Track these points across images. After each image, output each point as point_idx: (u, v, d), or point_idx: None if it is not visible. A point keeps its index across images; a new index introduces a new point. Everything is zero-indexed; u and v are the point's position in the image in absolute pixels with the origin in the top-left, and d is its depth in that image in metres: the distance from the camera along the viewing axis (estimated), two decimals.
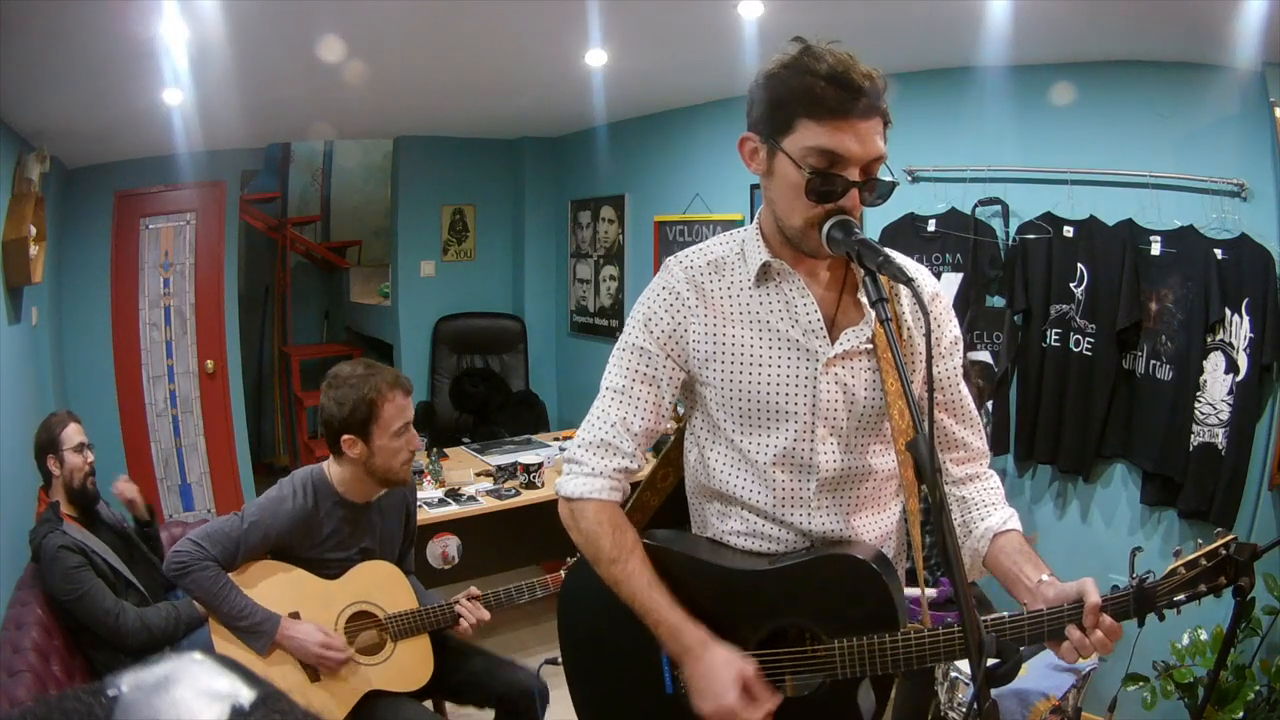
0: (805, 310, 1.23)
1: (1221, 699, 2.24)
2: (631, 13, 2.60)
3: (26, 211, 3.10)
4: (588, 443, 1.29)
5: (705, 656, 1.17)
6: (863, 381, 1.24)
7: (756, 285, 1.25)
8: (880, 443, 1.28)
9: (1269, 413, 2.53)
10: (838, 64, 1.10)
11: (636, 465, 1.30)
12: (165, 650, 2.25)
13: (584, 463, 1.29)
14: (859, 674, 1.19)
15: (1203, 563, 1.15)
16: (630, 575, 1.22)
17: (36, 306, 3.63)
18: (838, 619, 1.20)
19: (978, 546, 1.29)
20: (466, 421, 5.09)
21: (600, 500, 1.27)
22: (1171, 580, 1.16)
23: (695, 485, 1.38)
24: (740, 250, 1.28)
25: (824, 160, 1.12)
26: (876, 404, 1.25)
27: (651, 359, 1.28)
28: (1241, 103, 2.52)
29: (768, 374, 1.23)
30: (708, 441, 1.32)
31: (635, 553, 1.24)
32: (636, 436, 1.28)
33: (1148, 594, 1.15)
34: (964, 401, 1.34)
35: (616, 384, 1.29)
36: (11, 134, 3.27)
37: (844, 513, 1.27)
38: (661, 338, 1.27)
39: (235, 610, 1.96)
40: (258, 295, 6.14)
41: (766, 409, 1.24)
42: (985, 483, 1.35)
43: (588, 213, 5.08)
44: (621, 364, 1.29)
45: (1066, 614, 1.13)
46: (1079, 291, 2.90)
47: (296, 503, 2.07)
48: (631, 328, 1.30)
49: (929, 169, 3.21)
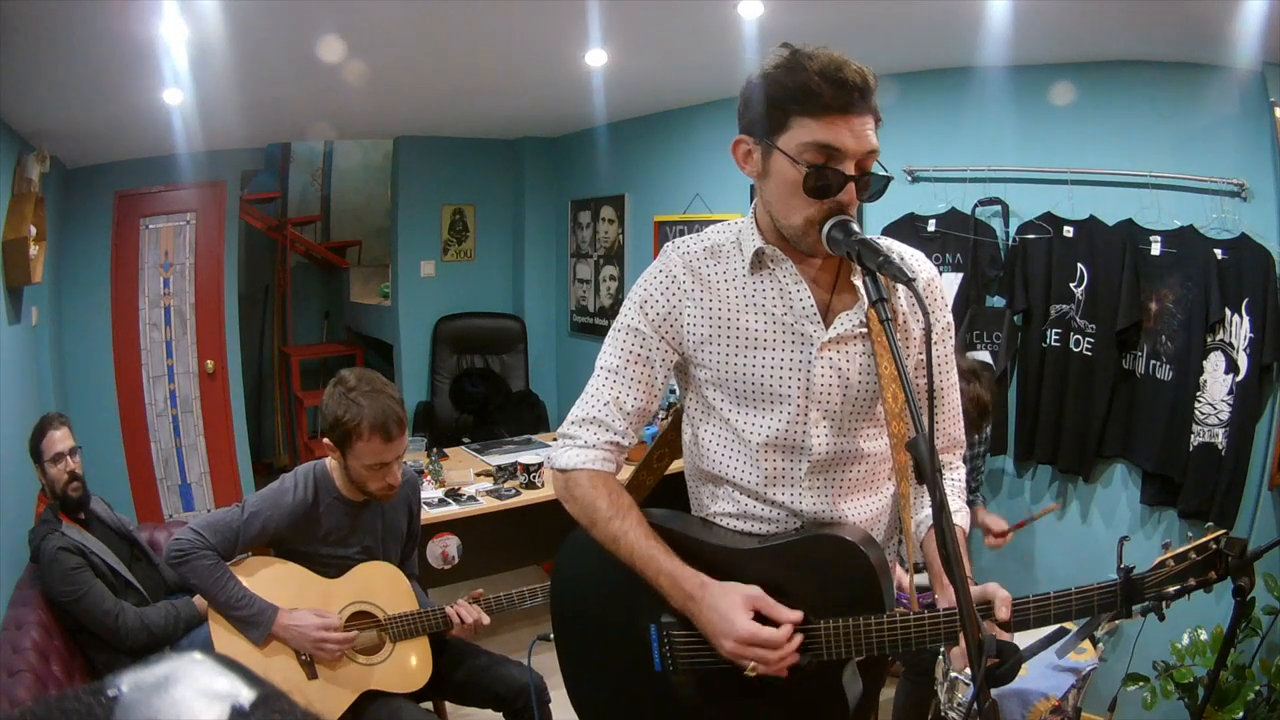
0: (799, 296, 1.25)
1: (1221, 699, 2.24)
2: (631, 13, 2.60)
3: (26, 211, 3.10)
4: (580, 419, 1.32)
5: (707, 595, 1.18)
6: (857, 365, 1.26)
7: (751, 272, 1.27)
8: (873, 426, 1.30)
9: (1269, 413, 2.53)
10: (830, 62, 1.12)
11: (628, 442, 1.32)
12: (165, 650, 2.25)
13: (576, 437, 1.32)
14: (845, 655, 1.21)
15: (1192, 556, 1.15)
16: (628, 530, 1.25)
17: (36, 306, 3.63)
18: (825, 599, 1.21)
19: (916, 532, 1.32)
20: (466, 421, 5.09)
21: (592, 469, 1.30)
22: (1160, 572, 1.16)
23: (690, 467, 1.41)
24: (736, 238, 1.30)
25: (821, 155, 1.14)
26: (870, 387, 1.27)
27: (646, 340, 1.30)
28: (1241, 103, 2.52)
29: (763, 357, 1.26)
30: (701, 422, 1.34)
31: (632, 511, 1.27)
32: (629, 415, 1.30)
33: (1135, 585, 1.16)
34: (947, 388, 1.37)
35: (611, 364, 1.32)
36: (11, 134, 3.27)
37: (834, 495, 1.29)
38: (656, 320, 1.30)
39: (233, 600, 1.96)
40: (258, 295, 6.14)
41: (761, 391, 1.26)
42: (950, 474, 1.38)
43: (588, 213, 5.08)
44: (616, 344, 1.32)
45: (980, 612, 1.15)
46: (1079, 291, 2.90)
47: (297, 495, 2.07)
48: (628, 309, 1.32)
49: (929, 169, 3.21)
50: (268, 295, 6.27)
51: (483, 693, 2.25)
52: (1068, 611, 1.18)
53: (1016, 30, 2.51)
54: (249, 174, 5.61)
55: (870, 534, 1.29)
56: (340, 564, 2.13)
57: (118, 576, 2.38)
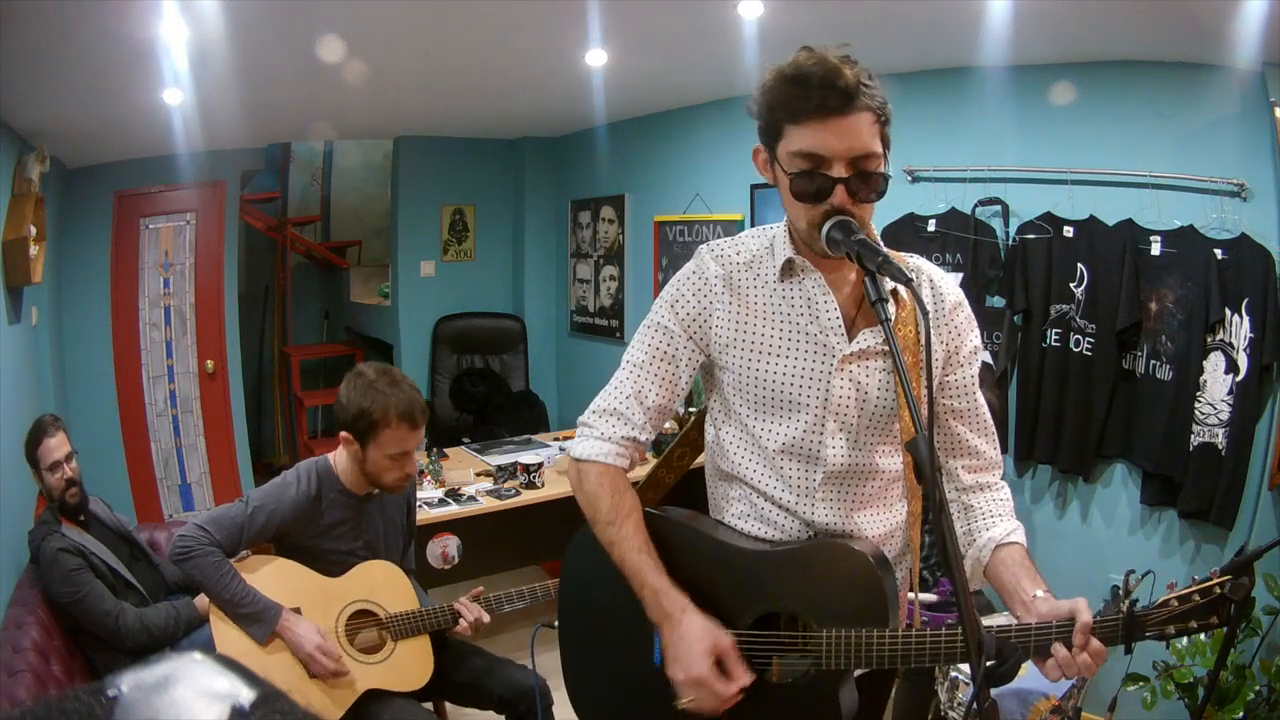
0: (825, 307, 1.26)
1: (1221, 699, 2.25)
2: (631, 13, 2.60)
3: (26, 211, 3.10)
4: (601, 409, 1.34)
5: (683, 623, 1.20)
6: (876, 381, 1.26)
7: (781, 280, 1.28)
8: (889, 443, 1.30)
9: (1269, 413, 2.53)
10: (810, 65, 1.12)
11: (645, 437, 1.33)
12: (165, 650, 2.25)
13: (594, 427, 1.34)
14: (845, 666, 1.20)
15: (1195, 598, 1.15)
16: (623, 538, 1.26)
17: (36, 306, 3.63)
18: (830, 608, 1.21)
19: (980, 556, 1.30)
20: (466, 421, 5.10)
21: (604, 464, 1.31)
22: (1162, 611, 1.16)
23: (711, 467, 1.42)
24: (770, 246, 1.32)
25: (809, 162, 1.15)
26: (888, 404, 1.27)
27: (673, 338, 1.32)
28: (1241, 103, 2.52)
29: (784, 365, 1.27)
30: (723, 422, 1.36)
31: (631, 517, 1.28)
32: (649, 410, 1.32)
33: (1137, 621, 1.16)
34: (979, 410, 1.35)
35: (636, 358, 1.34)
36: (11, 134, 3.27)
37: (848, 508, 1.30)
38: (685, 319, 1.31)
39: (237, 597, 1.97)
40: (258, 295, 6.14)
41: (780, 398, 1.27)
42: (995, 493, 1.35)
43: (588, 213, 5.08)
44: (644, 340, 1.34)
45: (1055, 631, 1.14)
46: (1079, 291, 2.90)
47: (300, 490, 2.08)
48: (659, 307, 1.34)
49: (929, 169, 3.21)
50: (268, 295, 6.27)
51: (484, 694, 2.25)
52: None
53: (1016, 30, 2.51)
54: (249, 174, 5.62)
55: (881, 549, 1.28)
56: (342, 560, 2.13)
57: (118, 577, 2.38)
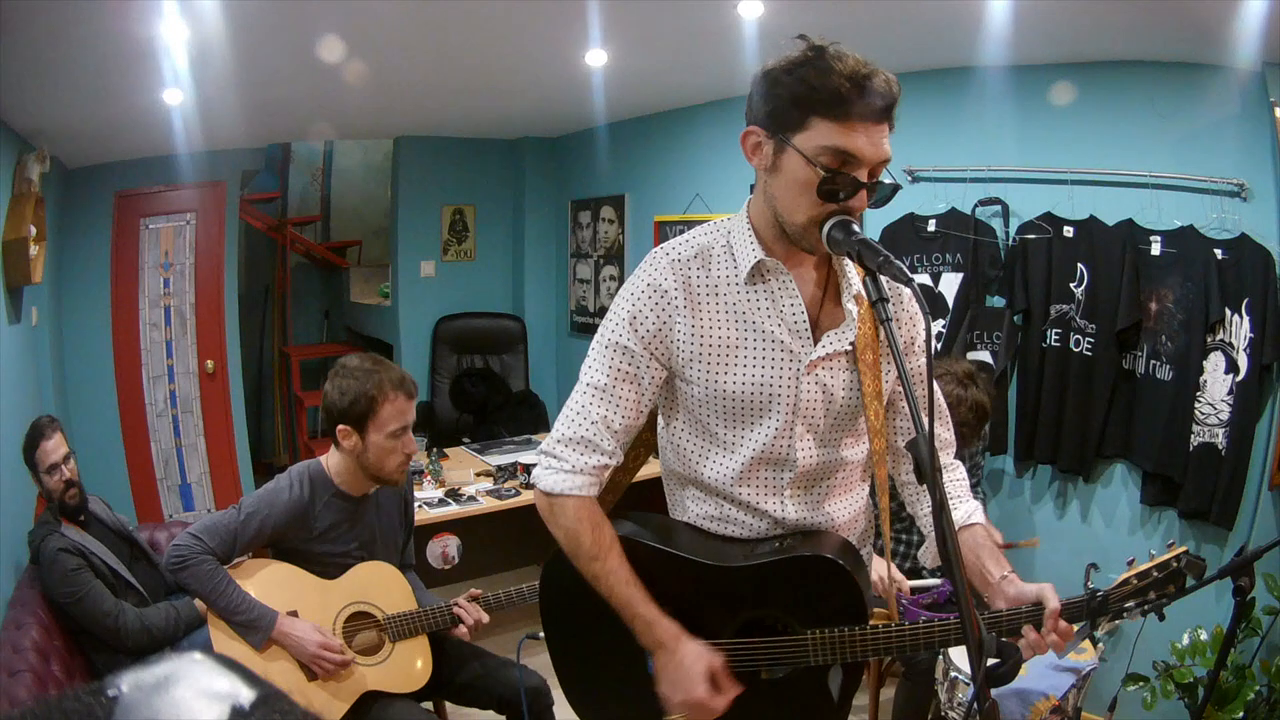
0: (792, 311, 1.25)
1: (1221, 699, 2.24)
2: (631, 13, 2.60)
3: (26, 211, 3.10)
4: (567, 439, 1.28)
5: (678, 651, 1.21)
6: (841, 382, 1.27)
7: (747, 283, 1.25)
8: (852, 436, 1.33)
9: (1269, 413, 2.53)
10: (861, 66, 1.11)
11: (615, 462, 1.31)
12: (165, 650, 2.25)
13: (563, 459, 1.28)
14: (831, 661, 1.25)
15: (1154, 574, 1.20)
16: (609, 572, 1.25)
17: (36, 306, 3.63)
18: (809, 612, 1.26)
19: None
20: (466, 421, 5.09)
21: (580, 497, 1.28)
22: (1124, 589, 1.23)
23: (669, 470, 1.41)
24: (727, 241, 1.27)
25: (836, 160, 1.12)
26: (853, 404, 1.29)
27: (635, 358, 1.27)
28: (1241, 103, 2.52)
29: (751, 373, 1.25)
30: (685, 430, 1.34)
31: (613, 550, 1.27)
32: (617, 435, 1.28)
33: (1101, 600, 1.22)
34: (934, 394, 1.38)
35: (598, 381, 1.28)
36: (11, 134, 3.27)
37: (816, 501, 1.33)
38: (646, 337, 1.26)
39: (232, 605, 1.97)
40: (258, 295, 6.14)
41: (748, 406, 1.27)
42: (951, 474, 1.39)
43: (588, 213, 5.08)
44: (604, 361, 1.28)
45: (1025, 615, 1.19)
46: (1079, 291, 2.90)
47: (293, 494, 2.08)
48: (616, 324, 1.28)
49: (929, 169, 3.21)
50: (268, 295, 6.27)
51: (485, 695, 2.25)
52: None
53: (1016, 30, 2.51)
54: (249, 174, 5.61)
55: (848, 540, 1.33)
56: (338, 562, 2.13)
57: (118, 577, 2.37)
